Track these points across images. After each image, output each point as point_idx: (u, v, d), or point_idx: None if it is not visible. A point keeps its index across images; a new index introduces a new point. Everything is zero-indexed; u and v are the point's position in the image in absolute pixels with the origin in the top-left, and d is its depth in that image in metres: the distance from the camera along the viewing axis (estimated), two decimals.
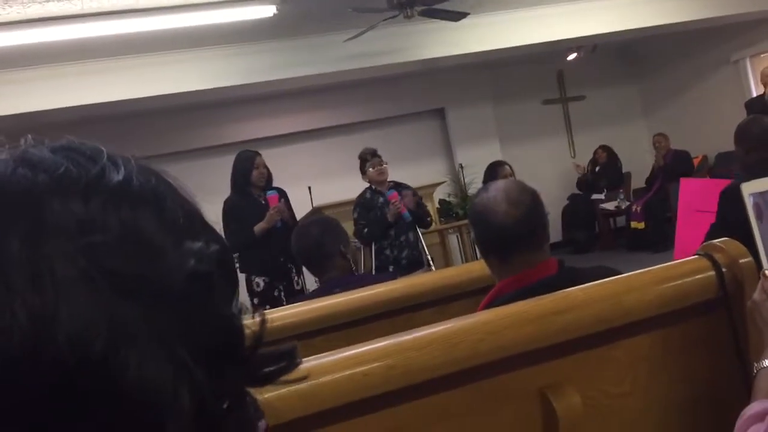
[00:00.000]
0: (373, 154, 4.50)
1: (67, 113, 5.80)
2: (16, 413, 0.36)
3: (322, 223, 2.56)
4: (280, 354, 0.47)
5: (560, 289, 1.31)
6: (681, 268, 1.33)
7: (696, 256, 1.35)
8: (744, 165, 2.89)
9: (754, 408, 1.08)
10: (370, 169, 4.46)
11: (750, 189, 1.19)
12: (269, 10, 4.98)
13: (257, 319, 0.46)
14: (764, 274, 1.20)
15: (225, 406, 0.42)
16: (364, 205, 4.49)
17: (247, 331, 0.45)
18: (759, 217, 1.20)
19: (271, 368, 0.46)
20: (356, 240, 4.38)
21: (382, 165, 4.48)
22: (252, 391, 0.46)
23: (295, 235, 2.57)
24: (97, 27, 4.63)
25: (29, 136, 0.46)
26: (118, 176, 0.42)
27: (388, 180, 4.54)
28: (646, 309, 1.27)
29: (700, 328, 1.32)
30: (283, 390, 0.52)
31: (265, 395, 0.48)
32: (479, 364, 1.17)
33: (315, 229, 2.49)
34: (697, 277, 1.31)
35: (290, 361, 0.47)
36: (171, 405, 0.39)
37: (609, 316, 1.24)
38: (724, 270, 1.30)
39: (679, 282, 1.31)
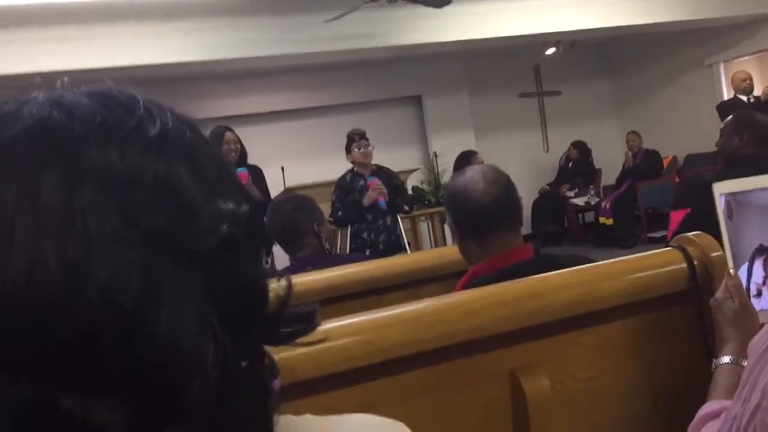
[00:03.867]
0: (362, 135, 4.49)
1: (30, 79, 5.67)
2: (41, 358, 0.36)
3: (296, 201, 2.55)
4: (298, 315, 0.47)
5: (536, 273, 1.33)
6: (654, 259, 1.36)
7: (669, 248, 1.38)
8: (735, 157, 2.71)
9: (707, 408, 1.11)
10: (356, 150, 4.44)
11: (722, 189, 1.21)
12: None
13: (283, 282, 0.46)
14: (728, 273, 1.23)
15: (244, 365, 0.43)
16: (343, 187, 4.48)
17: (271, 294, 0.45)
18: (729, 216, 1.22)
19: (289, 329, 0.46)
20: (332, 221, 4.38)
21: (368, 147, 4.47)
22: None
23: (269, 211, 2.56)
24: None
25: (65, 79, 0.46)
26: (155, 129, 0.42)
27: (372, 163, 4.54)
28: (619, 297, 1.30)
29: (670, 318, 1.35)
30: None
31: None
32: (455, 343, 1.18)
33: (288, 205, 2.48)
34: (670, 268, 1.34)
35: (308, 323, 0.47)
36: (197, 363, 0.39)
37: (583, 302, 1.27)
38: (695, 262, 1.33)
39: (652, 272, 1.33)
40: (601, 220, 7.71)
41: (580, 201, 8.26)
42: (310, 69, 7.64)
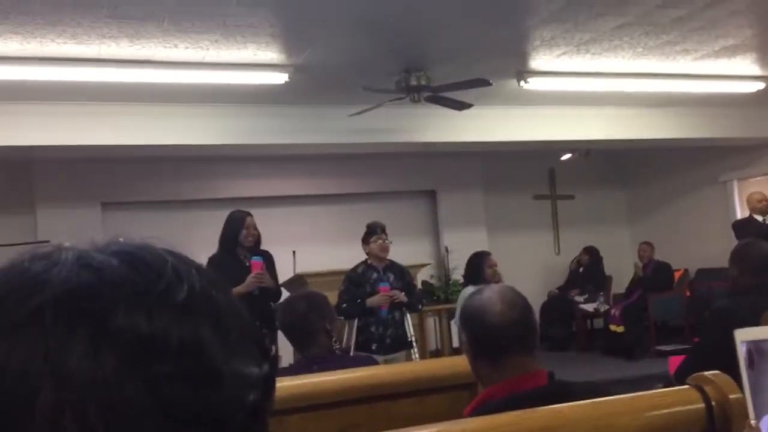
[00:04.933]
0: (383, 229, 4.53)
1: (63, 151, 5.84)
2: None
3: (309, 299, 2.56)
4: None
5: (550, 401, 1.31)
6: (671, 397, 1.34)
7: (687, 387, 1.36)
8: (737, 287, 2.87)
9: None
10: (374, 243, 4.46)
11: (743, 337, 1.21)
12: (282, 78, 5.08)
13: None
14: (749, 425, 1.20)
15: None
16: (352, 279, 4.48)
17: None
18: (751, 365, 1.21)
19: None
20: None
21: (386, 242, 4.50)
22: None
23: (283, 307, 2.58)
24: (109, 73, 4.70)
25: (93, 239, 0.45)
26: (182, 292, 0.42)
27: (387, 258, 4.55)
28: None
29: None
30: None
31: None
32: None
33: (302, 304, 2.50)
34: (687, 407, 1.31)
35: None
36: None
37: None
38: (713, 404, 1.31)
39: (669, 410, 1.31)
40: (612, 327, 7.62)
41: (589, 307, 8.19)
42: (328, 157, 7.78)
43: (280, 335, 5.23)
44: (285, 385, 2.02)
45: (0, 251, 2.87)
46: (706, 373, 1.36)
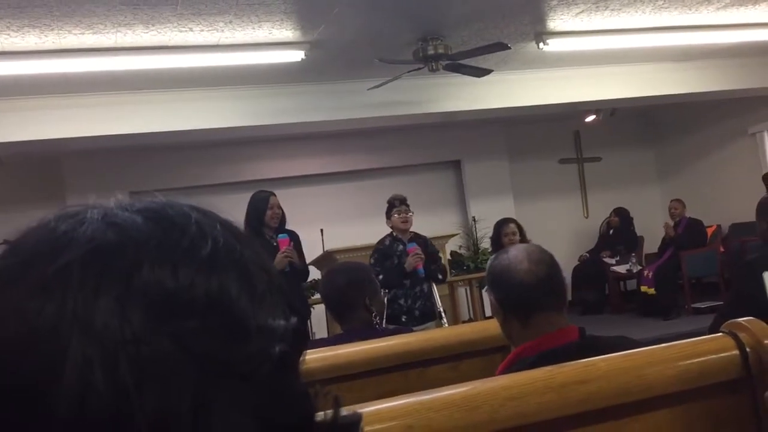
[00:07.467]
0: (402, 201, 4.52)
1: (89, 142, 5.90)
2: None
3: (350, 275, 2.50)
4: (343, 426, 0.46)
5: (582, 356, 1.30)
6: (705, 345, 1.32)
7: (720, 334, 1.34)
8: (764, 239, 2.84)
9: None
10: (395, 215, 4.47)
11: None
12: (298, 55, 5.07)
13: (329, 397, 0.46)
14: None
15: None
16: (382, 252, 4.50)
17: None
18: None
19: None
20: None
21: (407, 214, 4.50)
22: None
23: (324, 279, 2.56)
24: (127, 61, 4.72)
25: (118, 195, 0.46)
26: (207, 247, 0.42)
27: (410, 230, 4.56)
28: (668, 384, 1.26)
29: (722, 408, 1.30)
30: None
31: None
32: (497, 430, 1.16)
33: (342, 279, 2.46)
34: (721, 355, 1.30)
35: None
36: None
37: (631, 389, 1.23)
38: (748, 350, 1.29)
39: (703, 359, 1.30)
40: (643, 288, 7.55)
41: (621, 269, 8.11)
42: (351, 134, 7.78)
43: (317, 310, 5.31)
44: (321, 356, 2.04)
45: None
46: (739, 319, 1.34)
